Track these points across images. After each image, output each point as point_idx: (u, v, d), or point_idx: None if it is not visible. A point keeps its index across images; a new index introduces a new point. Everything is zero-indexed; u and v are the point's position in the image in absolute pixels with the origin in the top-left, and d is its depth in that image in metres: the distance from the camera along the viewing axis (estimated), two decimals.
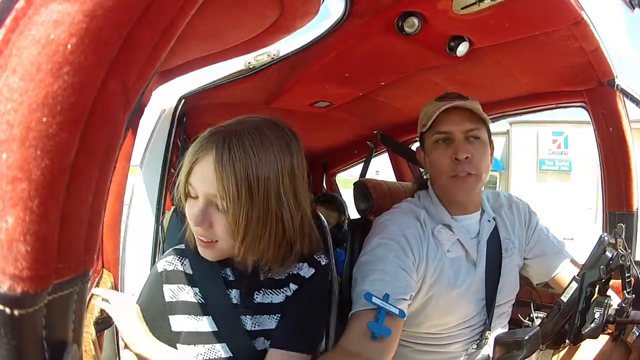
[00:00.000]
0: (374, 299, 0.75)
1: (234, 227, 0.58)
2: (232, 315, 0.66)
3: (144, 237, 1.18)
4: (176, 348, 0.66)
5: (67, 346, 0.22)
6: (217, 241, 0.61)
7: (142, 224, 1.19)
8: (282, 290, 0.68)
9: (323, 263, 0.71)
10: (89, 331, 0.67)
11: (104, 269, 0.83)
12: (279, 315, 0.67)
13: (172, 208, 1.07)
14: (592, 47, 0.93)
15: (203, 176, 0.59)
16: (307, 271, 0.69)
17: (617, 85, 1.02)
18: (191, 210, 0.61)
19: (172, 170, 1.26)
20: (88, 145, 0.20)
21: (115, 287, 0.79)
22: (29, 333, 0.19)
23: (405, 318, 0.78)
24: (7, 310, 0.19)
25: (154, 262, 1.13)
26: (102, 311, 0.72)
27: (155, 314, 0.67)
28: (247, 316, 0.66)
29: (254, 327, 0.66)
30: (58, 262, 0.20)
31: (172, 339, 0.66)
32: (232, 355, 0.65)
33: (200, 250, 0.64)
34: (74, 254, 0.21)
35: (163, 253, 0.90)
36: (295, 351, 0.63)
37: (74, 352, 0.22)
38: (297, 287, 0.68)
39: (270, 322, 0.67)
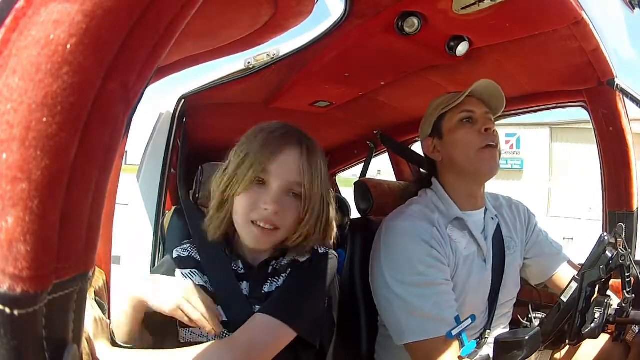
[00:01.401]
0: (454, 331, 0.78)
1: (307, 213, 0.67)
2: (244, 305, 0.67)
3: (144, 237, 1.18)
4: (173, 333, 0.69)
5: (67, 346, 0.22)
6: (278, 229, 0.66)
7: (142, 224, 1.19)
8: (283, 275, 0.71)
9: (320, 252, 0.74)
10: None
11: (95, 267, 0.83)
12: None
13: (172, 208, 1.07)
14: (592, 46, 0.93)
15: (287, 165, 0.66)
16: (303, 257, 0.72)
17: (617, 85, 1.02)
18: (260, 196, 0.66)
19: (172, 171, 1.26)
20: (88, 145, 0.20)
21: (107, 284, 0.80)
22: (29, 333, 0.20)
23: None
24: (7, 310, 0.19)
25: (153, 262, 1.13)
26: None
27: None
28: (257, 306, 0.68)
29: None
30: (58, 262, 0.20)
31: (170, 323, 0.68)
32: None
33: (255, 239, 0.67)
34: (74, 254, 0.21)
35: (163, 253, 0.90)
36: (275, 317, 0.62)
37: (74, 352, 0.22)
38: (291, 269, 0.71)
39: None
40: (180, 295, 0.59)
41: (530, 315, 0.96)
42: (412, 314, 0.80)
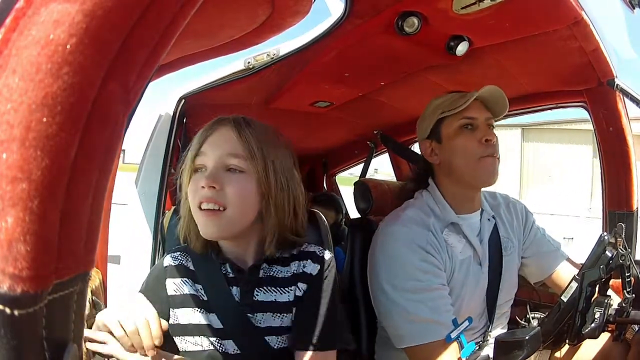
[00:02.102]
0: (453, 334, 0.78)
1: (261, 183, 0.64)
2: (236, 312, 0.66)
3: (143, 237, 1.18)
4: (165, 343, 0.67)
5: (67, 346, 0.22)
6: (224, 209, 0.62)
7: (142, 224, 1.19)
8: (288, 289, 0.68)
9: (327, 257, 0.71)
10: None
11: None
12: (285, 314, 0.67)
13: (172, 208, 1.07)
14: (592, 47, 0.93)
15: (219, 140, 0.64)
16: (312, 268, 0.69)
17: (617, 85, 1.02)
18: (198, 179, 0.63)
19: (172, 170, 1.26)
20: (88, 145, 0.20)
21: (103, 284, 0.80)
22: (29, 333, 0.19)
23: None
24: (7, 310, 0.19)
25: (153, 261, 1.13)
26: (91, 308, 0.72)
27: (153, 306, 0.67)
28: (251, 314, 0.66)
29: (259, 324, 0.66)
30: (58, 262, 0.20)
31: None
32: (240, 351, 0.65)
33: (205, 226, 0.63)
34: (74, 254, 0.21)
35: (163, 253, 0.90)
36: (322, 350, 0.64)
37: (74, 352, 0.22)
38: (306, 285, 0.68)
39: (274, 320, 0.67)
40: (119, 313, 0.58)
41: (528, 315, 0.97)
42: (410, 319, 0.81)
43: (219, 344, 0.65)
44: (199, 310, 0.67)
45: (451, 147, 0.92)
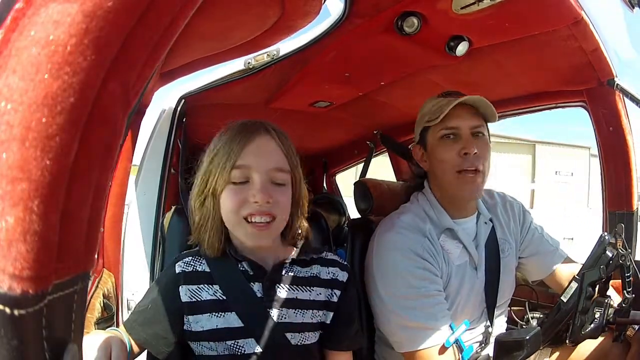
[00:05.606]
0: (451, 338, 0.79)
1: (295, 192, 0.67)
2: (257, 308, 0.66)
3: (143, 237, 1.18)
4: (169, 348, 0.66)
5: (67, 346, 0.22)
6: (274, 219, 0.65)
7: (142, 224, 1.19)
8: (310, 289, 0.71)
9: (348, 265, 0.77)
10: (88, 331, 0.67)
11: (104, 269, 0.83)
12: (306, 311, 0.69)
13: (172, 208, 1.07)
14: (592, 47, 0.93)
15: (263, 152, 0.65)
16: (342, 275, 0.74)
17: (617, 85, 1.02)
18: (245, 191, 0.63)
19: (172, 171, 1.26)
20: (88, 145, 0.20)
21: (115, 286, 0.79)
22: (29, 333, 0.20)
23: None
24: (7, 310, 0.19)
25: (153, 262, 1.13)
26: (102, 311, 0.72)
27: (162, 313, 0.67)
28: (273, 309, 0.67)
29: (281, 319, 0.67)
30: (58, 262, 0.20)
31: (167, 337, 0.66)
32: (262, 349, 0.65)
33: (255, 237, 0.64)
34: (74, 254, 0.21)
35: (163, 253, 0.90)
36: (351, 349, 0.74)
37: (74, 352, 0.22)
38: (340, 292, 0.73)
39: (296, 317, 0.68)
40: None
41: (527, 315, 0.97)
42: (407, 325, 0.81)
43: (238, 346, 0.65)
44: (216, 314, 0.66)
45: (434, 157, 0.91)
